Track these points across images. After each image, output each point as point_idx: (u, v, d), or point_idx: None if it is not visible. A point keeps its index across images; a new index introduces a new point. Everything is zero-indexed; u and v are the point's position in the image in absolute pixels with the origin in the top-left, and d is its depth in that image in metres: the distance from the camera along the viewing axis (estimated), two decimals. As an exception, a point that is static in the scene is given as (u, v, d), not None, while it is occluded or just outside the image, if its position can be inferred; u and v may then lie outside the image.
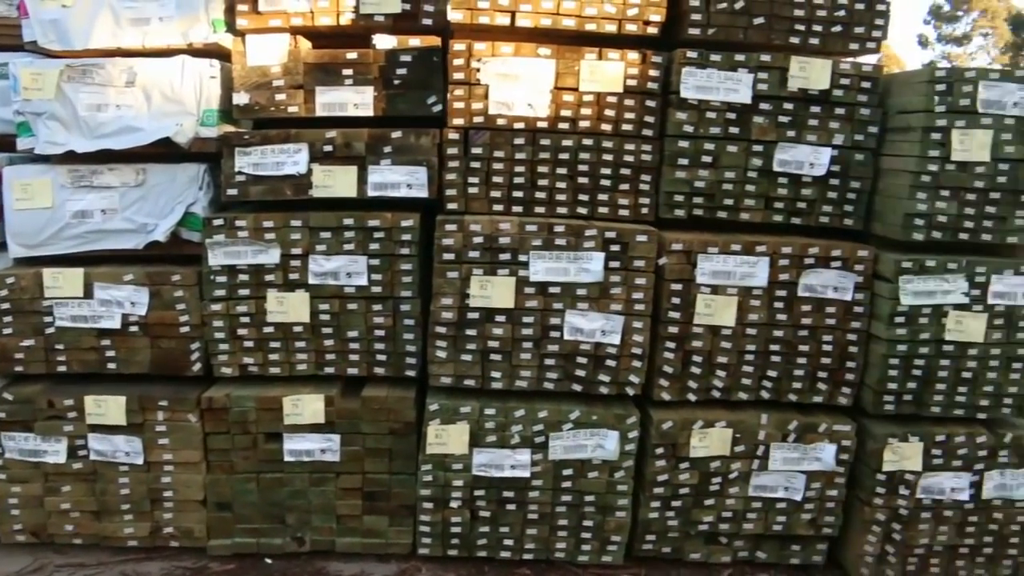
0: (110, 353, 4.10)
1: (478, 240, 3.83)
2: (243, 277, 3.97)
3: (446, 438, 3.95)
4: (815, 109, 3.89)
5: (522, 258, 3.83)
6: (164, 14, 4.08)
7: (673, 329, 3.90)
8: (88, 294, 4.05)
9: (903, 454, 3.93)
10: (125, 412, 4.03)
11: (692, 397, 3.98)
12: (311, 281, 3.96)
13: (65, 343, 4.09)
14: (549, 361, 3.93)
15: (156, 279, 4.05)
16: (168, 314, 4.06)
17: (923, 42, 39.10)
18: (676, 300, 3.87)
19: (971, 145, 3.72)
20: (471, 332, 3.90)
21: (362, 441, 4.04)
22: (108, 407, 4.04)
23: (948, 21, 38.01)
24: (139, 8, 4.07)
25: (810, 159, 3.91)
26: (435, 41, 3.98)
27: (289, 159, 3.97)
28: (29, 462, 4.09)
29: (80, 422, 4.05)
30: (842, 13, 3.88)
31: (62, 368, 4.12)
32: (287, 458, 4.03)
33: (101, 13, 4.08)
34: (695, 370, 3.94)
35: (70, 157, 4.06)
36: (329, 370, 4.06)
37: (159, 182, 4.10)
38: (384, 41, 4.02)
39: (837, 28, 3.90)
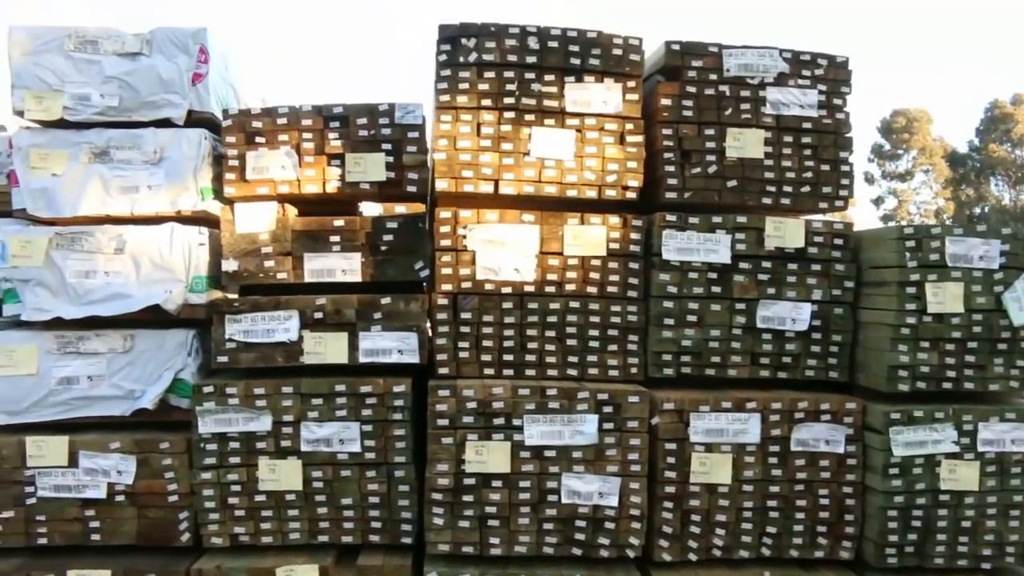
0: (94, 524, 3.99)
1: (472, 405, 3.83)
2: (234, 444, 3.93)
3: (445, 607, 3.84)
4: (792, 266, 4.04)
5: (516, 422, 3.84)
6: (153, 183, 4.17)
7: (670, 489, 3.89)
8: (72, 462, 3.97)
9: (910, 608, 3.88)
10: (109, 588, 3.90)
11: (693, 557, 3.92)
12: (303, 448, 3.92)
13: (47, 514, 3.97)
14: (548, 525, 3.88)
15: (144, 447, 3.99)
16: (156, 483, 3.98)
17: (869, 179, 42.03)
18: (671, 459, 3.88)
19: (945, 297, 3.86)
20: (468, 498, 3.85)
21: (358, 612, 3.92)
22: (91, 584, 3.91)
23: (890, 159, 41.04)
24: (129, 177, 4.17)
25: (791, 315, 4.02)
26: (420, 208, 4.10)
27: (280, 326, 4.00)
28: (3, 645, 3.92)
29: (61, 601, 3.91)
30: (809, 175, 4.11)
31: (43, 540, 3.99)
32: (279, 633, 3.89)
33: (91, 182, 4.17)
34: (694, 529, 3.90)
35: (57, 323, 4.07)
36: (323, 538, 3.96)
37: (147, 348, 4.10)
38: (371, 208, 4.13)
39: (806, 188, 4.11)
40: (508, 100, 3.99)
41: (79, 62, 4.16)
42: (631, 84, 4.05)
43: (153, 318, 4.05)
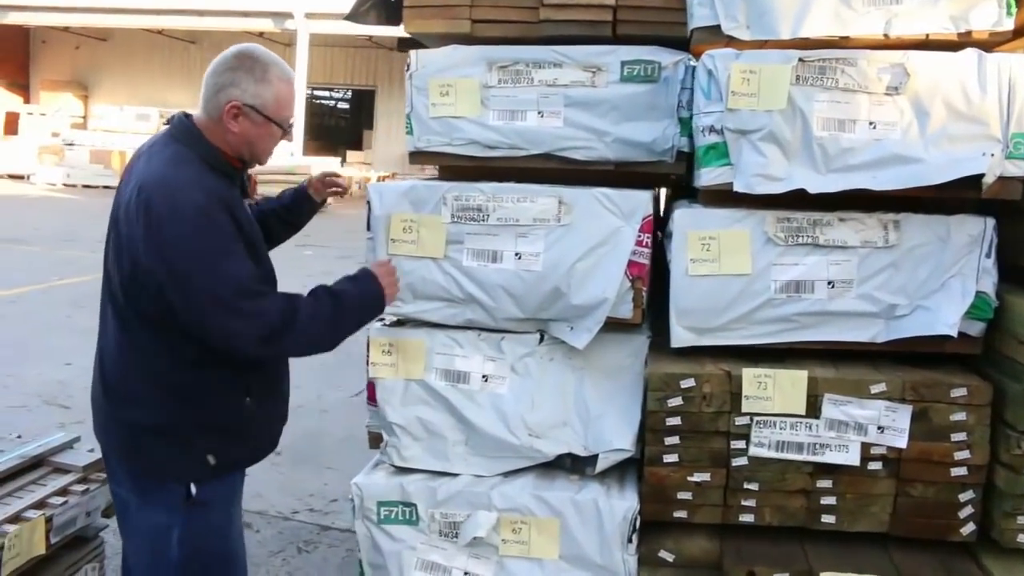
0: (827, 500, 2.67)
1: None
2: (1084, 401, 2.51)
3: None
4: None
5: None
6: (932, -11, 2.66)
7: None
8: (812, 411, 2.64)
9: None
10: (880, 598, 2.59)
11: None
12: None
13: (760, 481, 2.68)
14: None
15: (925, 393, 2.60)
16: (936, 447, 2.60)
17: None
18: None
19: None
20: None
21: None
22: (852, 589, 2.61)
23: None
24: (884, -19, 2.66)
25: None
26: None
27: None
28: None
29: (795, 607, 2.63)
30: None
31: (747, 517, 2.71)
32: None
33: (824, -11, 2.69)
34: None
35: (776, 200, 2.67)
36: None
37: (921, 242, 2.66)
38: None
39: None
40: None
41: None
42: None
43: (929, 195, 2.61)
